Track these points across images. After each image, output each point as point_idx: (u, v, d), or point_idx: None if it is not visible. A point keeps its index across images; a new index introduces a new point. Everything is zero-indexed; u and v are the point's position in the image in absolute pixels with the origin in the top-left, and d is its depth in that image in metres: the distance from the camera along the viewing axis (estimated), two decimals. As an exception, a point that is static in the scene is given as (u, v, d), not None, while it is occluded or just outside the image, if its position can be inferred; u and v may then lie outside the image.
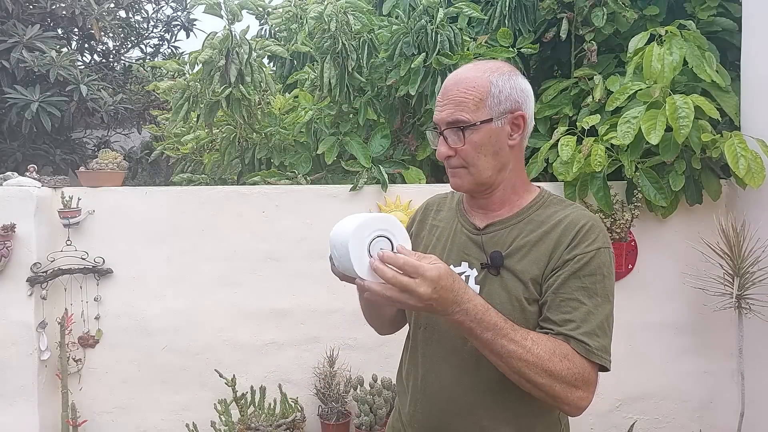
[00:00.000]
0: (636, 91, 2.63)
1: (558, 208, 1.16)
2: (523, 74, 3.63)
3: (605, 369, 1.08)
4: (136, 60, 5.53)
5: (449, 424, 1.16)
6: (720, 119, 2.62)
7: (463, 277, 1.15)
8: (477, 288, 1.13)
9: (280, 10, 3.86)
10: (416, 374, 1.21)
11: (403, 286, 0.93)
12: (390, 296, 0.95)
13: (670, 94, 2.50)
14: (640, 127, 2.46)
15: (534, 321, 1.10)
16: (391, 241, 1.01)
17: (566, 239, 1.09)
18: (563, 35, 3.07)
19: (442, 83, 2.87)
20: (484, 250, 1.15)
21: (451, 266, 1.15)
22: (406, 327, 1.33)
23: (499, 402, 1.12)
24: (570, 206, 1.17)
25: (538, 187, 1.23)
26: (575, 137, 2.69)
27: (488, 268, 1.13)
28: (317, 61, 3.14)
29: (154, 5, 5.60)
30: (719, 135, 2.55)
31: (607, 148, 2.60)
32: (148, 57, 5.61)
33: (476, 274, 1.15)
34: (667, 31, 2.64)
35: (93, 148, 5.01)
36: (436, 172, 3.39)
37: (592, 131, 2.74)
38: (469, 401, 1.14)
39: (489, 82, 1.13)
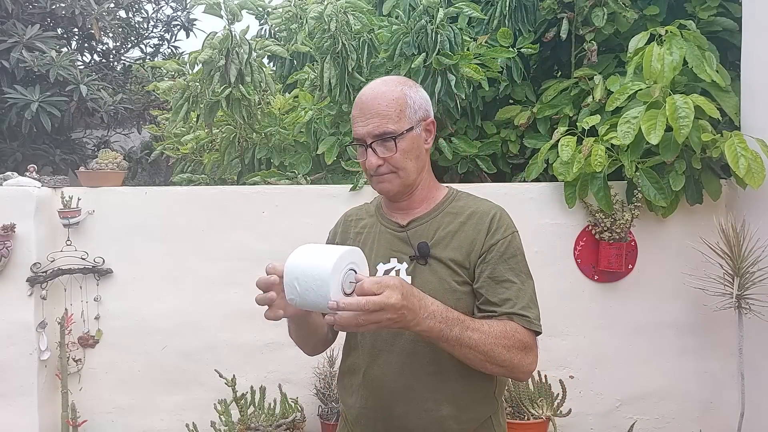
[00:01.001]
0: (636, 92, 2.63)
1: (468, 201, 1.31)
2: (523, 74, 3.58)
3: (538, 333, 1.21)
4: (136, 60, 5.53)
5: (395, 411, 1.22)
6: (720, 119, 2.62)
7: (393, 271, 1.24)
8: (409, 279, 1.22)
9: (280, 10, 3.86)
10: (359, 371, 1.27)
11: (376, 304, 0.97)
12: (365, 320, 0.99)
13: (670, 94, 2.50)
14: (640, 127, 2.46)
15: (465, 300, 1.20)
16: (355, 272, 1.05)
17: (484, 227, 1.24)
18: (563, 35, 3.07)
19: (442, 83, 2.91)
20: (411, 244, 1.25)
21: (380, 263, 1.26)
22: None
23: (439, 383, 1.21)
24: (478, 199, 1.32)
25: (447, 186, 1.37)
26: (575, 137, 2.69)
27: (417, 258, 1.24)
28: (317, 61, 3.14)
29: (154, 5, 5.61)
30: (719, 135, 2.55)
31: (607, 148, 2.60)
32: (148, 57, 5.61)
33: (406, 266, 1.25)
34: (667, 31, 2.64)
35: (93, 148, 5.01)
36: (434, 172, 3.38)
37: (592, 131, 2.74)
38: (411, 385, 1.21)
39: (404, 94, 1.25)
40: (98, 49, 5.31)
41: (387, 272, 1.25)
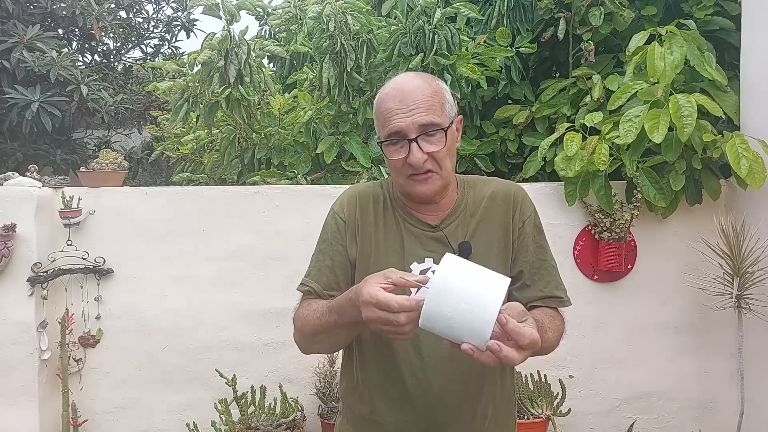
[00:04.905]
0: (637, 91, 2.62)
1: (481, 184, 1.27)
2: (522, 74, 3.57)
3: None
4: (137, 60, 5.54)
5: (439, 420, 1.17)
6: (723, 118, 2.61)
7: (430, 272, 1.15)
8: None
9: (280, 11, 3.87)
10: (397, 383, 1.17)
11: (534, 344, 0.92)
12: (515, 358, 0.92)
13: (671, 93, 2.50)
14: (642, 126, 2.45)
15: None
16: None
17: (509, 208, 1.23)
18: (561, 35, 3.06)
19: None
20: (449, 244, 1.20)
21: (415, 263, 1.19)
22: None
23: (482, 386, 1.20)
24: (487, 180, 1.29)
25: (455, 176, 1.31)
26: (579, 135, 2.68)
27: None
28: (316, 62, 3.14)
29: (154, 5, 5.61)
30: (719, 135, 2.54)
31: (608, 147, 2.60)
32: (149, 57, 5.62)
33: None
34: (667, 31, 2.64)
35: (93, 148, 5.02)
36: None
37: (593, 130, 2.74)
38: (459, 392, 1.17)
39: (441, 88, 1.19)
40: (99, 50, 5.32)
41: (423, 272, 1.16)
